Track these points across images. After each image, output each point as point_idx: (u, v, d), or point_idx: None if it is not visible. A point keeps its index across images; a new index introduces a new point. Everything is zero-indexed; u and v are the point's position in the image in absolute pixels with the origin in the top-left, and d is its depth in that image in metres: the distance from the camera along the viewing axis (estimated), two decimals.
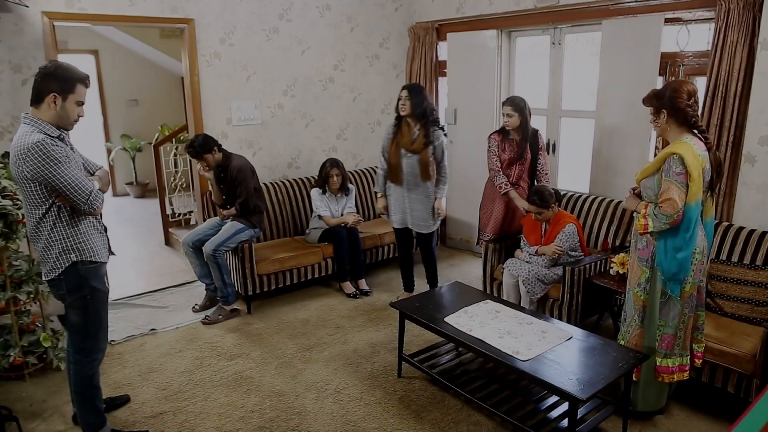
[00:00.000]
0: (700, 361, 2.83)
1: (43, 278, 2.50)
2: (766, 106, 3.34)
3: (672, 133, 2.64)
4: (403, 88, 4.03)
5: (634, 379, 2.80)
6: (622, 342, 2.86)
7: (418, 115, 3.95)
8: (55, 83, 2.34)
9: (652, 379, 2.81)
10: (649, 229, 2.62)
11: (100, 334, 2.61)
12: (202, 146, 4.00)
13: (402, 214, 4.18)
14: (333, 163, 4.57)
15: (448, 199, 5.75)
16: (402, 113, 4.00)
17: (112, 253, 2.68)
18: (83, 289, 2.48)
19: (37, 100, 2.36)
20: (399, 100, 4.01)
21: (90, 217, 2.49)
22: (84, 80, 2.41)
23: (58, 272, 2.43)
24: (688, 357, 2.79)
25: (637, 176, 2.76)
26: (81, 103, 2.42)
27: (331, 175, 4.54)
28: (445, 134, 4.20)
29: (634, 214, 2.76)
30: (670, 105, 2.58)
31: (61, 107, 2.36)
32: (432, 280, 4.40)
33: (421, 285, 4.66)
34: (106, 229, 2.65)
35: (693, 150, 2.54)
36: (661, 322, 2.72)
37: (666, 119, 2.62)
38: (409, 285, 4.47)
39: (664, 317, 2.71)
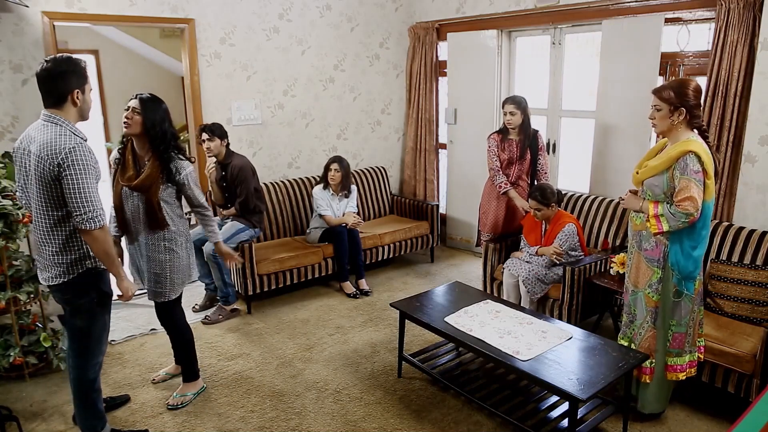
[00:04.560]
0: (703, 355, 2.83)
1: (45, 283, 2.40)
2: (766, 106, 3.34)
3: (678, 131, 2.59)
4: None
5: (647, 381, 2.78)
6: (625, 343, 2.83)
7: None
8: (74, 79, 2.29)
9: (664, 381, 2.79)
10: (664, 229, 2.55)
11: (104, 337, 2.60)
12: (219, 128, 4.08)
13: None
14: (334, 159, 4.60)
15: (448, 199, 5.76)
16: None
17: None
18: (91, 293, 2.44)
19: (59, 101, 2.28)
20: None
21: None
22: (85, 65, 2.37)
23: (68, 277, 2.36)
24: (696, 353, 2.79)
25: (639, 175, 2.69)
26: (91, 89, 2.41)
27: (330, 169, 4.56)
28: None
29: (637, 215, 2.72)
30: (688, 103, 2.54)
31: (83, 101, 2.34)
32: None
33: (420, 285, 4.66)
34: None
35: (704, 148, 2.52)
36: (673, 322, 2.71)
37: (684, 118, 2.57)
38: None
39: (676, 317, 2.69)
